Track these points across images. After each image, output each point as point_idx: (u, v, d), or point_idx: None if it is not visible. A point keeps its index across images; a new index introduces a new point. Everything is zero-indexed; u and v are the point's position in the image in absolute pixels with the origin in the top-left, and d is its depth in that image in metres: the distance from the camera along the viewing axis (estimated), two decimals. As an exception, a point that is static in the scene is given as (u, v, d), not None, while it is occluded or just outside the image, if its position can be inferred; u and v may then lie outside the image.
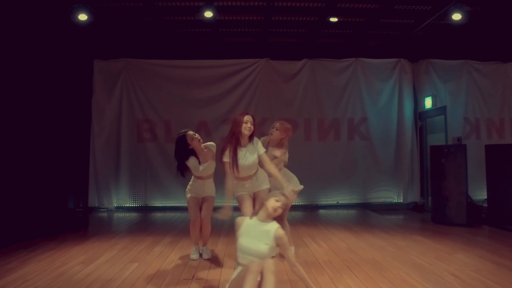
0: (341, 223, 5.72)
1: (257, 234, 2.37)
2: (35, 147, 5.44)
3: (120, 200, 7.16)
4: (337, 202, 7.31)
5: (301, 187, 3.81)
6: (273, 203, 2.38)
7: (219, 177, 3.66)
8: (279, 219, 2.48)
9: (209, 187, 3.77)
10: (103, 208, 7.10)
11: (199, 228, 3.68)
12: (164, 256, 3.79)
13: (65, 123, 6.40)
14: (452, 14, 4.94)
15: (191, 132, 3.76)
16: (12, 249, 3.97)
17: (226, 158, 3.13)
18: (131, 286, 2.89)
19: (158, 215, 6.76)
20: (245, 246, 2.34)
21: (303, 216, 6.42)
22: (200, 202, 3.75)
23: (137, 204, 7.18)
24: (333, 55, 7.35)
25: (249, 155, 3.14)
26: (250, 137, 3.18)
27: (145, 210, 7.07)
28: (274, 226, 2.40)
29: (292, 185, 3.30)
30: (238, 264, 2.41)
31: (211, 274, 3.22)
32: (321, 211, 7.00)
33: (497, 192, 5.34)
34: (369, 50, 7.34)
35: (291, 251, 2.75)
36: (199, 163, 3.70)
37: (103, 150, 7.13)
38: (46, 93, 5.76)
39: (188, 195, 3.78)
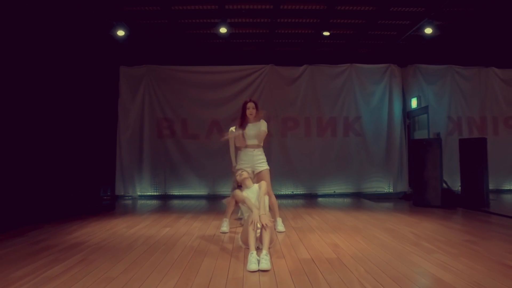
0: (336, 206, 6.65)
1: (252, 192, 3.45)
2: (71, 143, 6.40)
3: (143, 189, 8.15)
4: (334, 192, 8.22)
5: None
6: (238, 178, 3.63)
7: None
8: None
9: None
10: (128, 196, 8.10)
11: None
12: (189, 224, 4.76)
13: (96, 122, 7.40)
14: (424, 28, 5.86)
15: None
16: (66, 220, 4.96)
17: (234, 133, 4.24)
18: (168, 239, 3.86)
19: (176, 201, 7.73)
20: (251, 199, 3.35)
21: (303, 202, 7.34)
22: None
23: (158, 192, 8.16)
24: (330, 61, 8.29)
25: (252, 128, 4.19)
26: (256, 118, 4.18)
27: (164, 197, 8.05)
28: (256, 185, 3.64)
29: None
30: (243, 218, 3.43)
31: (227, 234, 4.17)
32: (320, 199, 7.92)
33: (468, 179, 6.22)
34: (362, 57, 8.27)
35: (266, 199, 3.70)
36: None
37: (128, 145, 8.12)
38: (80, 96, 6.73)
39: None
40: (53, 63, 5.76)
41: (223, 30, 6.14)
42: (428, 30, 5.85)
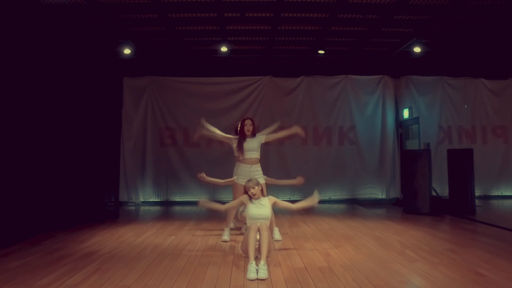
0: (331, 213, 6.99)
1: (259, 206, 3.68)
2: (77, 152, 6.70)
3: (145, 195, 8.47)
4: (329, 198, 8.56)
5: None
6: (251, 193, 3.71)
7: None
8: None
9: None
10: (131, 202, 8.41)
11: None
12: (192, 232, 5.09)
13: (101, 131, 7.73)
14: (414, 47, 6.22)
15: None
16: (76, 228, 5.27)
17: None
18: (174, 248, 4.18)
19: (178, 208, 8.05)
20: (254, 214, 3.63)
21: (300, 208, 7.67)
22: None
23: (160, 198, 8.48)
24: (326, 73, 8.63)
25: (251, 142, 4.53)
26: (253, 134, 4.54)
27: (166, 204, 8.37)
28: (266, 197, 3.78)
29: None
30: (247, 228, 3.71)
31: (228, 242, 4.51)
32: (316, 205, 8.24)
33: (455, 187, 6.57)
34: (357, 68, 8.63)
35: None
36: None
37: (131, 153, 8.43)
38: (86, 106, 7.04)
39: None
40: (61, 75, 6.07)
41: (224, 49, 6.48)
42: (417, 49, 6.22)
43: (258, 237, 3.49)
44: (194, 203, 8.25)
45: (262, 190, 3.82)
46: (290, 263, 3.54)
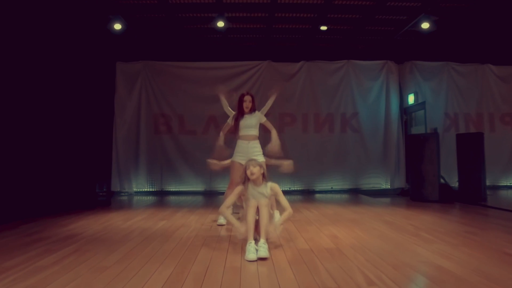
0: (334, 201, 6.62)
1: (257, 194, 3.18)
2: (67, 139, 6.33)
3: (139, 185, 8.08)
4: (331, 188, 8.20)
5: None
6: (249, 172, 3.14)
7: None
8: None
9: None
10: (124, 192, 8.02)
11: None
12: (186, 217, 4.71)
13: (92, 118, 7.34)
14: (421, 23, 5.85)
15: None
16: (59, 215, 4.87)
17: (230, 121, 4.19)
18: (165, 231, 3.80)
19: (173, 197, 7.66)
20: (251, 194, 3.22)
21: (301, 198, 7.31)
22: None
23: (154, 188, 8.10)
24: (327, 58, 8.27)
25: (249, 118, 4.16)
26: (251, 110, 4.19)
27: (161, 193, 7.98)
28: (267, 184, 3.23)
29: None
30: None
31: (224, 226, 4.12)
32: (317, 195, 7.88)
33: (466, 174, 6.21)
34: (360, 53, 8.26)
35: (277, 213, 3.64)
36: None
37: (124, 141, 8.05)
38: (76, 92, 6.66)
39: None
40: (49, 58, 5.70)
41: (220, 24, 6.10)
42: (425, 25, 5.84)
43: (257, 217, 3.11)
44: (190, 193, 7.93)
45: (263, 174, 3.22)
46: (293, 245, 3.16)
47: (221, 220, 4.15)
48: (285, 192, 7.90)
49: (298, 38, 7.53)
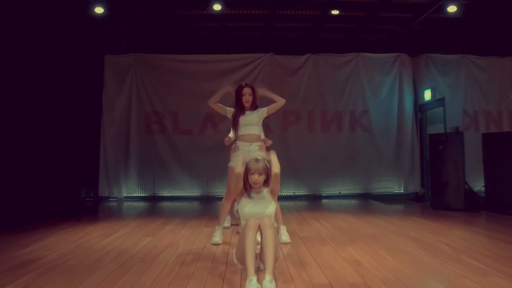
0: (344, 209, 5.94)
1: (256, 201, 2.59)
2: (50, 140, 5.70)
3: (129, 189, 7.39)
4: (340, 192, 7.50)
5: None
6: (252, 179, 2.56)
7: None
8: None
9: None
10: (113, 198, 7.34)
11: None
12: (175, 232, 4.02)
13: (77, 116, 6.68)
14: (448, 6, 5.15)
15: None
16: (32, 228, 4.18)
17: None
18: (146, 254, 3.11)
19: (166, 203, 6.99)
20: (248, 213, 2.54)
21: (307, 204, 6.62)
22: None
23: (146, 193, 7.40)
24: (335, 50, 7.57)
25: (250, 116, 3.48)
26: (252, 106, 3.50)
27: (153, 199, 7.30)
28: (265, 188, 2.65)
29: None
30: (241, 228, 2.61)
31: (220, 246, 3.43)
32: (324, 200, 7.20)
33: (494, 179, 5.52)
34: (370, 45, 7.55)
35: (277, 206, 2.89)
36: None
37: (113, 141, 7.36)
38: (59, 87, 6.03)
39: None
40: (29, 50, 5.05)
41: (217, 7, 5.40)
42: (452, 9, 5.13)
43: (258, 239, 2.42)
44: (185, 199, 7.25)
45: (267, 178, 2.64)
46: (307, 276, 2.47)
47: (216, 239, 3.47)
48: (289, 198, 7.31)
49: (304, 27, 6.80)
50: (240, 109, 3.54)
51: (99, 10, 5.37)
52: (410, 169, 7.54)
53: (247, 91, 3.54)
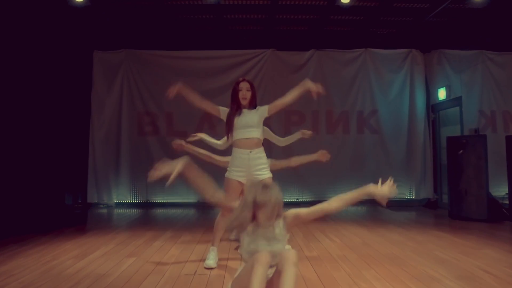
0: (352, 218, 5.43)
1: (268, 236, 1.96)
2: (31, 140, 5.20)
3: (120, 195, 6.89)
4: (346, 198, 6.98)
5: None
6: (262, 216, 1.91)
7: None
8: None
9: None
10: (103, 204, 6.83)
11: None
12: (164, 250, 3.50)
13: (63, 116, 6.15)
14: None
15: None
16: (1, 244, 3.68)
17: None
18: (126, 282, 2.60)
19: (160, 211, 6.49)
20: (259, 247, 1.92)
21: (311, 212, 6.11)
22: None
23: (138, 200, 6.90)
24: (341, 46, 7.06)
25: (248, 115, 2.97)
26: (251, 104, 3.02)
27: (146, 206, 6.79)
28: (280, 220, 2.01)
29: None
30: (245, 261, 2.07)
31: (215, 270, 2.92)
32: (330, 207, 6.68)
33: (519, 185, 5.00)
34: (379, 40, 7.03)
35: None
36: None
37: (103, 144, 6.87)
38: (43, 85, 5.52)
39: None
40: (8, 46, 4.54)
41: (212, -5, 4.87)
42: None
43: (269, 273, 1.87)
44: (181, 205, 6.74)
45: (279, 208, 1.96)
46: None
47: (210, 262, 2.94)
48: (293, 204, 6.80)
49: (308, 20, 6.26)
50: (236, 107, 3.03)
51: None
52: (422, 174, 7.02)
53: (244, 85, 3.04)
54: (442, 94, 6.83)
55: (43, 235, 4.13)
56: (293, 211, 2.07)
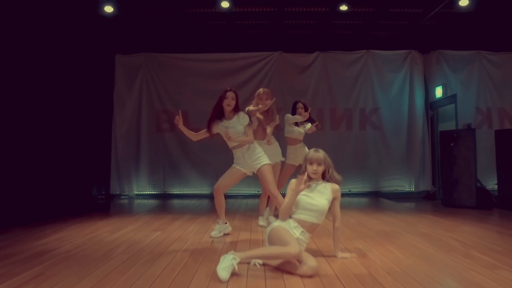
0: (353, 207, 5.91)
1: (315, 191, 2.61)
2: (61, 138, 5.80)
3: (140, 187, 7.49)
4: (349, 190, 7.46)
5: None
6: (310, 169, 2.59)
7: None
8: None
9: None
10: (124, 195, 7.44)
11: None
12: (184, 227, 4.07)
13: (89, 115, 6.78)
14: (459, 0, 5.08)
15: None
16: (44, 223, 4.28)
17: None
18: (156, 246, 3.16)
19: (176, 201, 7.06)
20: (305, 202, 2.56)
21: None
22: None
23: (156, 191, 7.49)
24: (344, 47, 7.53)
25: (232, 126, 3.50)
26: (235, 111, 3.52)
27: (163, 197, 7.38)
28: (328, 183, 2.67)
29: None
30: (292, 218, 2.59)
31: (229, 237, 3.47)
32: (334, 198, 7.16)
33: (507, 176, 5.42)
34: (380, 42, 7.49)
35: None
36: None
37: (124, 140, 7.46)
38: (72, 87, 6.11)
39: None
40: (42, 51, 5.16)
41: (225, 4, 5.44)
42: (463, 2, 5.05)
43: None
44: (195, 196, 7.30)
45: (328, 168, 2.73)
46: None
47: (214, 232, 3.55)
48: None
49: (312, 24, 6.80)
50: (218, 113, 3.54)
51: (108, 9, 5.46)
52: (421, 167, 7.45)
53: (230, 94, 3.53)
54: (439, 92, 7.27)
55: (77, 217, 4.72)
56: (339, 196, 2.72)
